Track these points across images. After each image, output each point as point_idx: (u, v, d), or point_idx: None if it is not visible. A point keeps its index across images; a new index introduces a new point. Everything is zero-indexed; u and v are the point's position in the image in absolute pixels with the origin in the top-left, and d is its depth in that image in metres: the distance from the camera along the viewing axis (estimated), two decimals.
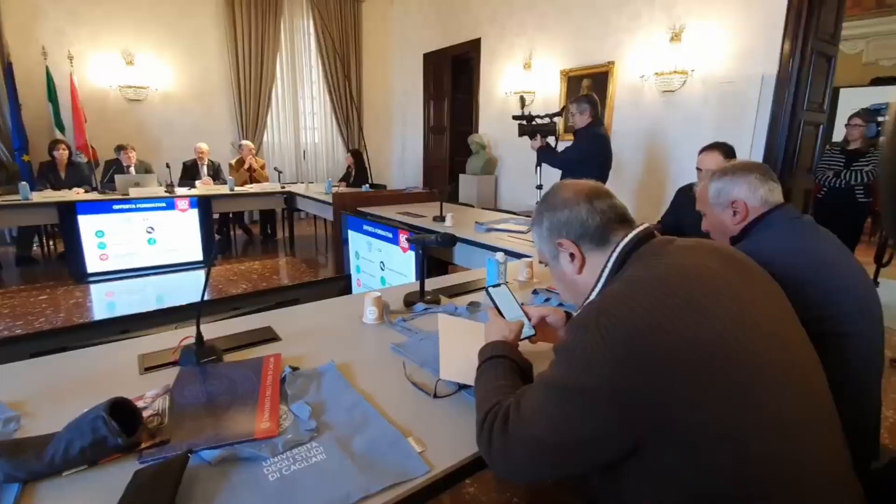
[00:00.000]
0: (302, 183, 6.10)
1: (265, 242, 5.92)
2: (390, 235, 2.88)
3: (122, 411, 0.72)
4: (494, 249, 2.35)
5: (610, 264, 0.75)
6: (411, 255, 2.72)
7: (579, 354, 0.62)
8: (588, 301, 0.77)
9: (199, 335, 1.02)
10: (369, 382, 0.96)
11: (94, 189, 4.54)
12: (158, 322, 1.28)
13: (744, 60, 3.67)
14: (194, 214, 4.42)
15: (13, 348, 1.15)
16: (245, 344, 1.12)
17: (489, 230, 2.69)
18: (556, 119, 3.35)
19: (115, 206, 4.06)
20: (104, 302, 3.75)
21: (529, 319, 1.04)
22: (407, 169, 8.05)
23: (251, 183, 5.47)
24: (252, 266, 4.71)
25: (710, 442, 0.58)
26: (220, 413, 0.82)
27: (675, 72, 4.11)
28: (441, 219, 2.96)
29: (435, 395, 0.89)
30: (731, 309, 0.63)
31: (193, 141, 5.79)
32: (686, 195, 2.25)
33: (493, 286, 1.09)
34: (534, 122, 3.27)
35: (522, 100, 3.32)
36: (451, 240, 1.32)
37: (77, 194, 4.16)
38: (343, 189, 5.03)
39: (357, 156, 5.96)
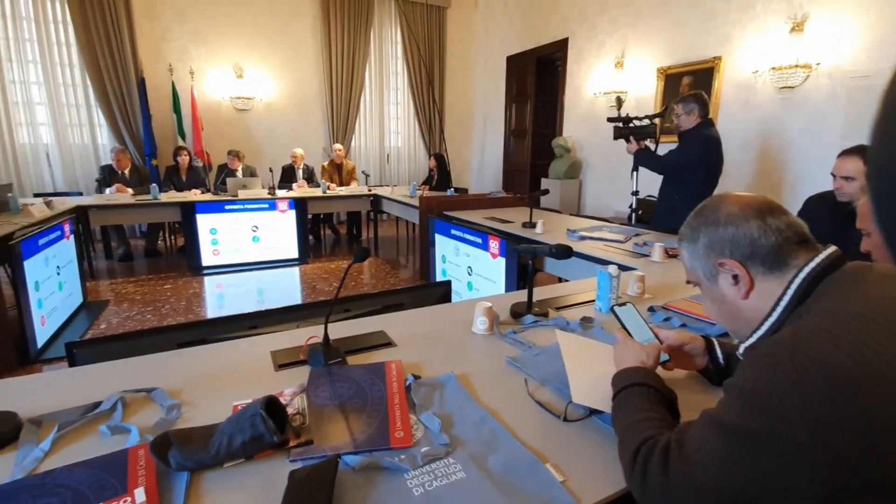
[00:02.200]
0: (385, 186, 6.32)
1: (351, 243, 6.21)
2: (479, 241, 2.87)
3: (272, 409, 0.76)
4: (588, 259, 2.24)
5: (790, 292, 0.66)
6: (501, 261, 2.69)
7: (767, 396, 0.55)
8: (758, 332, 0.69)
9: (326, 337, 1.07)
10: (491, 397, 0.94)
11: (209, 191, 5.05)
12: (282, 319, 1.37)
13: (879, 52, 3.20)
14: (292, 215, 4.75)
15: (162, 338, 1.28)
16: (363, 347, 1.16)
17: (583, 238, 2.58)
18: (656, 120, 3.14)
19: (227, 207, 4.47)
20: (215, 293, 4.14)
21: (661, 343, 0.96)
22: (486, 172, 8.04)
23: (341, 185, 5.78)
24: (340, 265, 4.95)
25: None
26: (353, 417, 0.84)
27: (797, 66, 3.68)
28: (531, 225, 2.89)
29: (565, 419, 0.85)
30: None
31: (291, 146, 6.24)
32: (820, 206, 1.99)
33: (620, 305, 1.02)
34: (631, 125, 3.10)
35: (619, 101, 3.15)
36: (565, 252, 1.26)
37: (196, 195, 4.65)
38: (427, 192, 5.12)
39: (440, 160, 6.05)
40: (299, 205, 4.78)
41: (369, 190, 5.52)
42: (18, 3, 5.25)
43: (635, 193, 3.27)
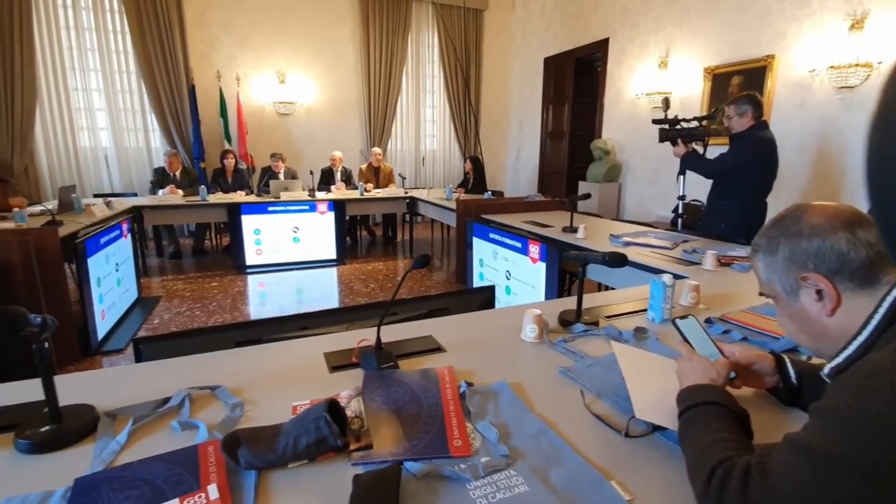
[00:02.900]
0: (420, 188, 6.37)
1: (386, 244, 6.29)
2: (519, 245, 2.84)
3: (333, 412, 0.77)
4: (635, 266, 2.18)
5: (883, 310, 0.62)
6: (541, 266, 2.65)
7: (865, 422, 0.51)
8: (845, 351, 0.65)
9: (378, 341, 1.08)
10: (546, 408, 0.92)
11: (252, 192, 5.23)
12: (332, 321, 1.39)
13: None
14: (331, 217, 4.85)
15: (220, 336, 1.33)
16: (413, 352, 1.16)
17: (627, 244, 2.51)
18: (704, 122, 3.02)
19: (270, 208, 4.62)
20: (257, 291, 4.28)
21: (726, 358, 0.92)
22: (521, 175, 7.97)
23: (378, 188, 5.86)
24: (377, 267, 5.02)
25: None
26: (410, 422, 0.84)
27: (856, 65, 3.48)
28: (572, 230, 2.84)
29: (627, 435, 0.83)
30: None
31: (329, 149, 6.38)
32: None
33: (681, 318, 0.98)
34: (678, 127, 2.99)
35: (666, 102, 3.05)
36: (619, 260, 1.23)
37: (241, 197, 4.83)
38: (463, 195, 5.12)
39: (476, 162, 6.04)
40: (338, 206, 4.88)
41: (406, 192, 5.58)
42: (81, 14, 5.61)
43: (682, 198, 3.15)
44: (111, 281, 3.11)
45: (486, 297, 1.71)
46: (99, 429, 0.84)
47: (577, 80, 6.65)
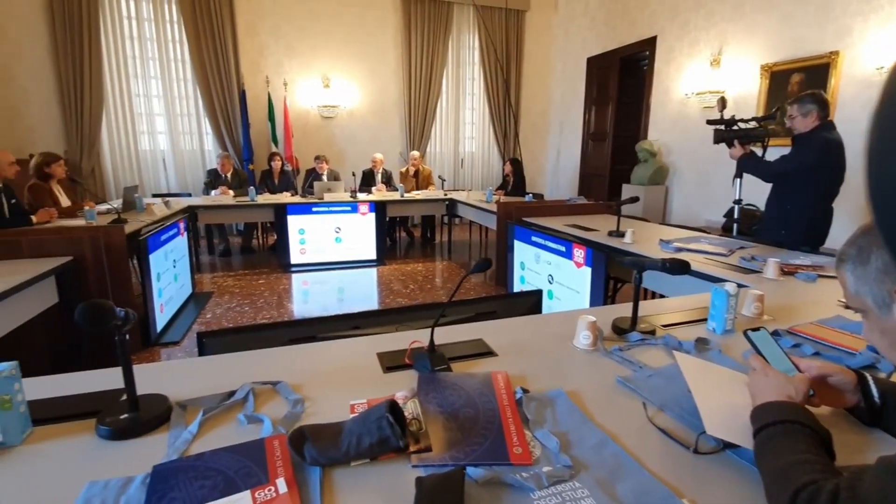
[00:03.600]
0: (459, 190, 6.38)
1: (424, 245, 6.33)
2: (563, 249, 2.79)
3: (393, 413, 0.78)
4: (690, 274, 2.09)
5: None
6: (586, 271, 2.59)
7: None
8: None
9: (432, 343, 1.08)
10: (606, 419, 0.90)
11: (297, 193, 5.39)
12: (382, 321, 1.41)
13: None
14: (372, 218, 4.94)
15: (275, 333, 1.37)
16: (465, 355, 1.16)
17: (678, 250, 2.42)
18: (763, 122, 2.86)
19: (314, 209, 4.75)
20: (301, 289, 4.41)
21: (803, 374, 0.86)
22: (561, 178, 7.84)
23: (418, 190, 5.92)
24: (416, 268, 5.06)
25: None
26: (467, 427, 0.84)
27: None
28: (619, 234, 2.76)
29: (696, 451, 0.79)
30: None
31: (370, 151, 6.50)
32: None
33: (753, 329, 0.93)
34: (735, 127, 2.85)
35: (723, 101, 2.91)
36: (681, 267, 1.18)
37: (287, 198, 5.00)
38: (504, 198, 5.09)
39: (515, 165, 5.99)
40: (379, 208, 4.96)
41: (445, 194, 5.60)
42: (144, 26, 5.98)
43: (738, 202, 3.00)
44: (169, 276, 3.29)
45: (533, 302, 1.69)
46: (172, 418, 0.88)
47: (621, 79, 6.48)
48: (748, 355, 1.15)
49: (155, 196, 5.30)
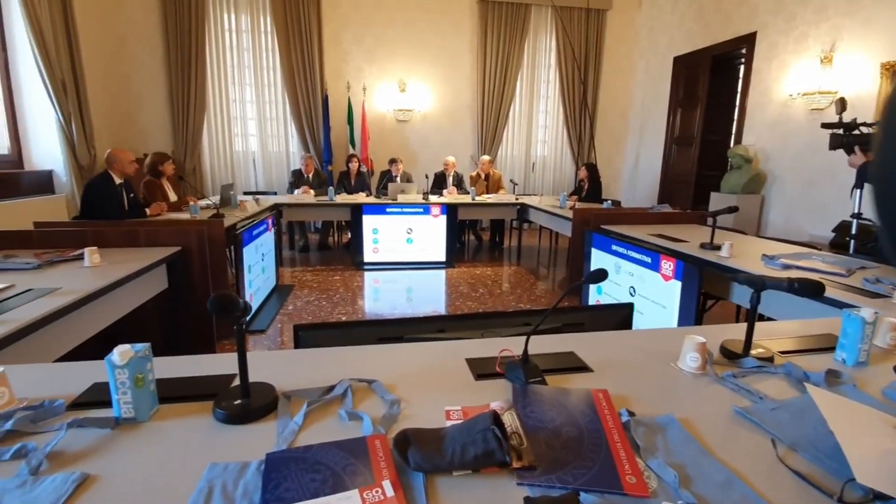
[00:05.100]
0: (529, 195, 6.26)
1: (493, 249, 6.29)
2: (648, 260, 2.63)
3: (496, 425, 0.75)
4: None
5: None
6: (675, 285, 2.42)
7: None
8: None
9: (526, 353, 1.04)
10: (727, 454, 0.81)
11: (371, 194, 5.58)
12: (468, 326, 1.40)
13: None
14: (443, 220, 4.98)
15: (365, 330, 1.40)
16: (557, 368, 1.11)
17: (786, 267, 2.18)
18: None
19: (388, 209, 4.89)
20: (373, 287, 4.55)
21: None
22: (639, 184, 7.45)
23: (488, 193, 5.89)
24: (484, 272, 5.03)
25: None
26: (572, 447, 0.79)
27: None
28: (713, 247, 2.55)
29: (840, 500, 0.69)
30: None
31: (442, 154, 6.58)
32: None
33: None
34: (856, 132, 2.53)
35: (842, 103, 2.60)
36: (813, 289, 1.05)
37: (363, 198, 5.19)
38: (579, 204, 4.92)
39: (591, 169, 5.77)
40: (450, 210, 5.00)
41: (516, 199, 5.53)
42: (242, 37, 6.49)
43: (857, 216, 2.66)
44: (258, 269, 3.53)
45: (623, 316, 1.59)
46: (279, 408, 0.92)
47: (711, 80, 6.03)
48: (894, 394, 1.01)
49: (246, 194, 5.72)
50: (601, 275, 0.99)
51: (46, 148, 4.90)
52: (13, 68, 4.66)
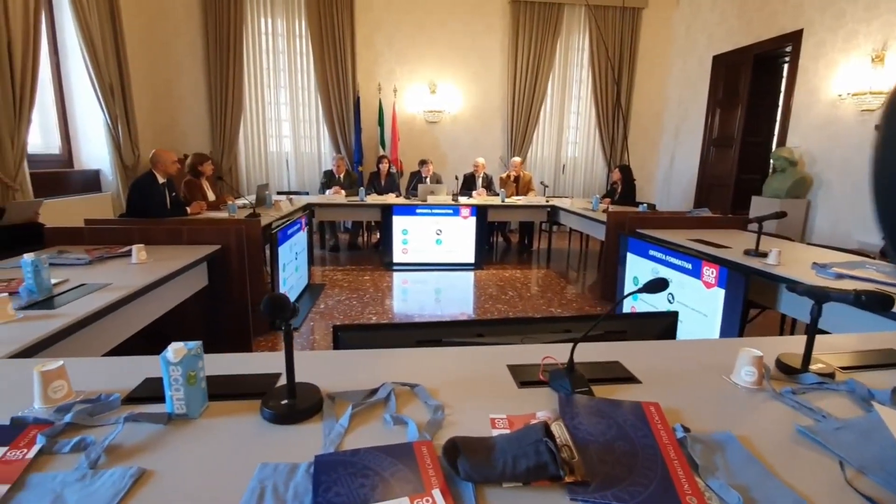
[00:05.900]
0: (559, 197, 6.18)
1: (521, 252, 6.22)
2: (688, 266, 2.54)
3: (548, 437, 0.73)
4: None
5: None
6: (717, 293, 2.33)
7: None
8: None
9: (571, 361, 1.02)
10: (791, 475, 0.76)
11: (401, 195, 5.61)
12: (507, 331, 1.38)
13: None
14: (472, 221, 4.96)
15: (403, 333, 1.40)
16: (603, 378, 1.08)
17: (840, 277, 2.07)
18: None
19: (417, 210, 4.90)
20: (401, 287, 4.57)
21: None
22: (675, 187, 7.24)
23: (517, 195, 5.83)
24: (514, 274, 4.99)
25: None
26: (626, 463, 0.76)
27: None
28: (759, 254, 2.44)
29: None
30: None
31: (472, 155, 6.56)
32: None
33: None
34: None
35: None
36: (882, 303, 0.98)
37: (393, 199, 5.22)
38: (612, 207, 4.82)
39: (625, 171, 5.64)
40: (480, 212, 4.97)
41: (547, 201, 5.45)
42: (277, 41, 6.64)
43: None
44: (292, 267, 3.60)
45: (667, 324, 1.53)
46: (324, 409, 0.92)
47: (753, 79, 5.80)
48: None
49: (279, 194, 5.85)
50: (661, 284, 0.96)
51: (94, 148, 5.14)
52: (65, 73, 4.91)
